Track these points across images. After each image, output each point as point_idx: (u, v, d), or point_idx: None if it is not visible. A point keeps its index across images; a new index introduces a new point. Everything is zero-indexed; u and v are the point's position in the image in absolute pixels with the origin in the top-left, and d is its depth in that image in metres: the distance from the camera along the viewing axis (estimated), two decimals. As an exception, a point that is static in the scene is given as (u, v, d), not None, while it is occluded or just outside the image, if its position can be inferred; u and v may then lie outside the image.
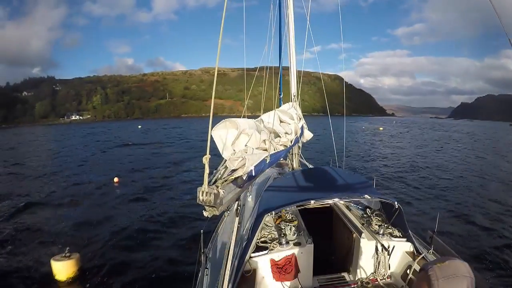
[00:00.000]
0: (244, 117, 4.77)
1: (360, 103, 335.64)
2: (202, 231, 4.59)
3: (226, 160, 2.45)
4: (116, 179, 16.55)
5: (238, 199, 2.66)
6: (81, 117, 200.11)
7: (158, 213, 12.70)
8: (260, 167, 2.68)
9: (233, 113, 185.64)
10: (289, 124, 4.96)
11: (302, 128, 5.94)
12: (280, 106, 7.26)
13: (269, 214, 3.82)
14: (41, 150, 40.34)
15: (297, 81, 7.28)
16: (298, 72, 7.72)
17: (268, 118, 4.58)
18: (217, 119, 2.94)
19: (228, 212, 5.88)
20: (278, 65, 8.03)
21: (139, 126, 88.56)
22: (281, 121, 5.01)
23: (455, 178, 19.76)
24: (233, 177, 2.25)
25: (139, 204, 13.94)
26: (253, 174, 2.46)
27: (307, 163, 8.43)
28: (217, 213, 1.97)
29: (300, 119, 5.77)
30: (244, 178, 2.31)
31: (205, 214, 1.99)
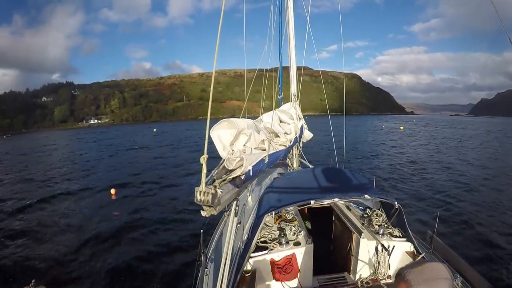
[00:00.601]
0: (243, 117, 4.77)
1: (379, 101, 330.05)
2: (202, 231, 4.61)
3: (224, 160, 2.44)
4: (113, 191, 15.60)
5: (236, 199, 2.63)
6: (99, 121, 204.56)
7: (157, 213, 12.75)
8: (259, 167, 2.67)
9: (250, 114, 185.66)
10: (289, 124, 4.96)
11: (302, 128, 5.95)
12: (280, 106, 7.21)
13: (269, 214, 3.84)
14: (50, 155, 40.37)
15: (297, 81, 7.28)
16: (302, 72, 7.89)
17: (268, 118, 4.59)
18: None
19: (228, 212, 5.94)
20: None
21: (154, 130, 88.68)
22: (280, 121, 5.03)
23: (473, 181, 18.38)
24: (231, 177, 2.26)
25: (137, 207, 13.74)
26: (251, 174, 2.46)
27: (307, 163, 8.38)
28: (215, 213, 1.98)
29: (300, 119, 5.77)
30: (242, 178, 2.31)
31: (203, 214, 2.00)
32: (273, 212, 3.88)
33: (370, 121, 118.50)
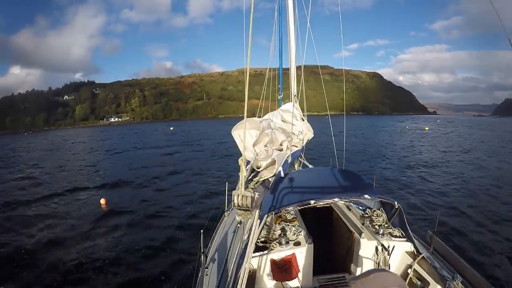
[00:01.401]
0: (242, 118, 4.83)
1: (401, 101, 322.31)
2: (202, 231, 4.62)
3: (249, 162, 2.39)
4: (103, 201, 14.52)
5: (262, 200, 2.59)
6: (119, 119, 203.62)
7: (158, 213, 12.72)
8: (285, 168, 2.69)
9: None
10: (295, 125, 4.98)
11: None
12: (280, 106, 7.22)
13: (269, 214, 3.83)
14: (56, 154, 40.30)
15: (297, 81, 7.28)
16: (302, 71, 7.68)
17: (277, 119, 4.64)
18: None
19: (229, 212, 5.99)
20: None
21: (171, 128, 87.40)
22: (283, 121, 4.95)
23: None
24: (263, 179, 2.24)
25: (136, 207, 13.75)
26: (282, 175, 2.47)
27: (307, 163, 8.36)
28: (250, 216, 1.94)
29: (302, 119, 5.81)
30: (272, 179, 2.30)
31: (238, 218, 1.97)
32: (273, 212, 3.86)
33: (393, 121, 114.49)
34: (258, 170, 2.34)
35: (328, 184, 4.42)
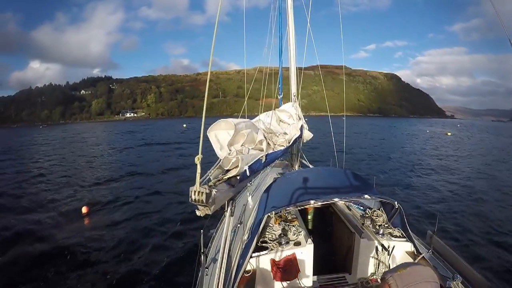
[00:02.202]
0: (243, 117, 4.76)
1: (418, 104, 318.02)
2: (202, 231, 4.60)
3: (220, 160, 2.45)
4: (84, 209, 13.07)
5: (232, 198, 2.62)
6: (135, 115, 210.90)
7: (157, 212, 12.72)
8: (255, 167, 2.66)
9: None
10: (288, 124, 4.92)
11: (301, 128, 5.87)
12: (280, 106, 7.15)
13: (269, 214, 3.82)
14: (62, 150, 39.82)
15: (297, 81, 7.17)
16: (302, 72, 7.59)
17: (266, 118, 4.57)
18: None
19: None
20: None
21: (184, 125, 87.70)
22: (281, 121, 5.00)
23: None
24: (226, 177, 2.26)
25: (136, 207, 13.74)
26: (248, 174, 2.44)
27: (307, 163, 8.33)
28: (209, 212, 1.96)
29: (300, 119, 5.71)
30: (238, 178, 2.31)
31: (198, 213, 1.99)
32: (273, 212, 3.86)
33: (412, 125, 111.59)
34: (225, 168, 2.39)
35: (328, 184, 4.44)
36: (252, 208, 5.30)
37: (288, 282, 3.84)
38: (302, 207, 4.36)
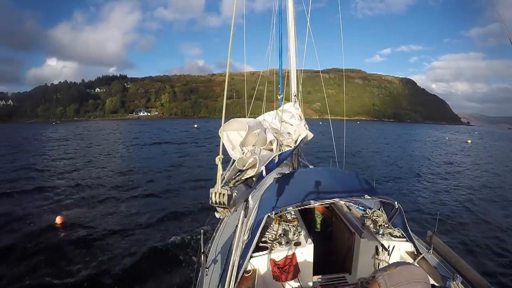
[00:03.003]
0: (247, 117, 4.83)
1: (434, 109, 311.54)
2: (202, 231, 4.64)
3: (235, 161, 2.42)
4: (59, 219, 11.50)
5: (247, 199, 2.64)
6: (149, 114, 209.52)
7: (158, 212, 12.62)
8: (270, 167, 2.68)
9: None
10: (292, 124, 4.97)
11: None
12: (280, 106, 7.13)
13: (269, 214, 3.82)
14: (66, 146, 40.01)
15: (297, 81, 7.27)
16: (302, 73, 7.72)
17: (271, 118, 4.61)
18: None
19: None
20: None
21: (195, 125, 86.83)
22: (283, 121, 5.01)
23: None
24: (244, 178, 2.24)
25: (136, 206, 13.65)
26: (264, 174, 2.45)
27: (307, 163, 8.40)
28: (229, 214, 1.95)
29: (301, 119, 5.75)
30: (255, 178, 2.31)
31: (217, 215, 1.97)
32: (273, 212, 3.84)
33: (429, 131, 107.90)
34: (242, 169, 2.32)
35: (328, 184, 4.40)
36: (252, 208, 5.22)
37: (288, 282, 3.88)
38: (302, 207, 4.27)
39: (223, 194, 1.82)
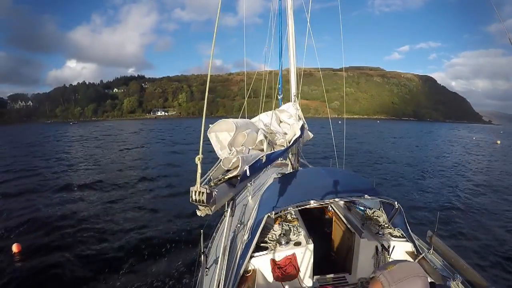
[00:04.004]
0: (244, 117, 4.86)
1: (454, 108, 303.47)
2: (202, 231, 4.54)
3: (220, 160, 2.47)
4: (15, 248, 9.37)
5: (233, 199, 2.67)
6: (166, 113, 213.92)
7: (158, 212, 12.78)
8: (256, 167, 2.68)
9: (318, 115, 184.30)
10: (288, 124, 4.94)
11: (302, 128, 5.85)
12: (279, 106, 7.20)
13: (269, 214, 3.84)
14: (72, 147, 40.68)
15: (297, 81, 7.26)
16: (302, 73, 7.76)
17: (266, 118, 4.58)
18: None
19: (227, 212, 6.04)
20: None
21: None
22: (280, 121, 5.01)
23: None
24: (227, 177, 2.27)
25: (136, 207, 13.73)
26: (248, 174, 2.45)
27: (307, 163, 8.44)
28: (210, 212, 1.98)
29: (300, 119, 5.69)
30: (239, 178, 2.32)
31: (198, 213, 2.00)
32: (273, 212, 3.87)
33: (451, 131, 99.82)
34: (227, 169, 2.38)
35: (328, 184, 4.40)
36: (252, 208, 5.35)
37: (288, 282, 3.89)
38: (302, 207, 4.34)
39: (202, 192, 1.84)
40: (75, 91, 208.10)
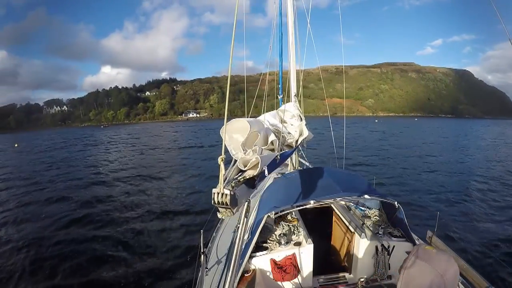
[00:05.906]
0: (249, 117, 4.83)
1: (493, 103, 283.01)
2: (202, 231, 4.68)
3: (237, 161, 2.41)
4: None
5: (248, 199, 2.59)
6: (198, 115, 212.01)
7: (158, 212, 12.65)
8: (271, 168, 2.68)
9: (352, 113, 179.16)
10: (292, 124, 4.97)
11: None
12: (280, 106, 7.27)
13: (269, 214, 3.85)
14: (92, 150, 40.09)
15: (297, 81, 7.32)
16: (302, 72, 7.81)
17: (271, 118, 4.62)
18: (334, 119, 2.92)
19: None
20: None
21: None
22: (283, 121, 5.01)
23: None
24: (246, 178, 2.24)
25: (136, 206, 13.66)
26: (266, 174, 2.45)
27: (307, 163, 8.41)
28: (232, 214, 1.93)
29: (301, 119, 5.75)
30: (257, 178, 2.32)
31: (219, 215, 1.96)
32: (273, 212, 3.88)
33: (500, 128, 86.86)
34: (243, 169, 2.34)
35: (328, 184, 4.42)
36: (252, 208, 5.19)
37: (288, 282, 3.91)
38: (302, 207, 4.26)
39: (226, 194, 1.81)
40: (108, 95, 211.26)
